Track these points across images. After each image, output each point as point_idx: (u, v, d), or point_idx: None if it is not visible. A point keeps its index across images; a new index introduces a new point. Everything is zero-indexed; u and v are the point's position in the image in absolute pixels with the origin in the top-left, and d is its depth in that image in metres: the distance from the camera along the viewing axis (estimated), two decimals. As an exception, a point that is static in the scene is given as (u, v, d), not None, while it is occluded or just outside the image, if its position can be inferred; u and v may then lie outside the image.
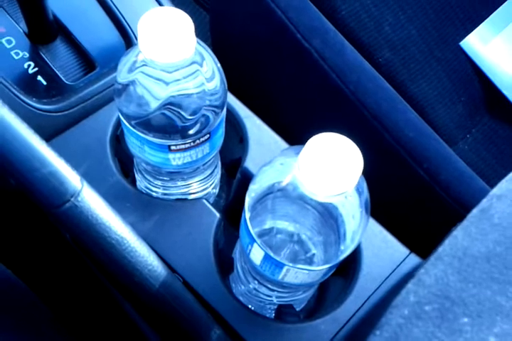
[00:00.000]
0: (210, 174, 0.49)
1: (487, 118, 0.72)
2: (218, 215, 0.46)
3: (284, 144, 0.50)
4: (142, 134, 0.39)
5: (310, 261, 0.41)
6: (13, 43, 0.48)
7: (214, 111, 0.39)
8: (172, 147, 0.39)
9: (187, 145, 0.40)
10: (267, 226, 0.40)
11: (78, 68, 0.49)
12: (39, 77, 0.48)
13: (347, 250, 0.37)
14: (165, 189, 0.48)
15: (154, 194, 0.49)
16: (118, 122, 0.47)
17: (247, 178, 0.47)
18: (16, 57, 0.48)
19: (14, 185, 0.41)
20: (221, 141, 0.44)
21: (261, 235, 0.38)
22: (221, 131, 0.42)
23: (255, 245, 0.37)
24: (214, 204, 0.48)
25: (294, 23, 0.56)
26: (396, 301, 0.24)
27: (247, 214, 0.37)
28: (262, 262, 0.38)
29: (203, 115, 0.39)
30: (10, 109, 0.31)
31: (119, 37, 0.50)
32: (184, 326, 0.36)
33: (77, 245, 0.44)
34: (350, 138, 0.31)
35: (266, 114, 0.51)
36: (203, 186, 0.50)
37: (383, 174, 0.58)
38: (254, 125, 0.49)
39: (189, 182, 0.48)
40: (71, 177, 0.32)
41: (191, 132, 0.39)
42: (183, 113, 0.38)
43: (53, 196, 0.31)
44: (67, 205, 0.31)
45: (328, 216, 0.37)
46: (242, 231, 0.38)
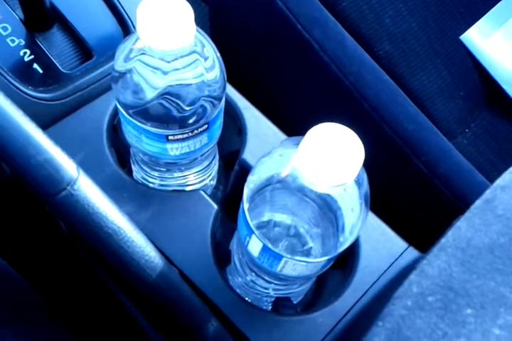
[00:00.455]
0: (208, 165, 0.49)
1: (486, 112, 0.72)
2: (216, 207, 0.45)
3: (283, 136, 0.49)
4: (140, 123, 0.38)
5: (307, 254, 0.40)
6: (9, 30, 0.47)
7: (213, 101, 0.39)
8: (170, 137, 0.39)
9: (185, 135, 0.39)
10: (265, 218, 0.40)
11: (75, 56, 0.49)
12: (35, 65, 0.47)
13: (346, 242, 0.37)
14: (162, 180, 0.48)
15: (151, 185, 0.48)
16: (115, 111, 0.46)
17: (245, 170, 0.47)
18: (12, 44, 0.47)
19: (9, 175, 0.40)
20: (219, 132, 0.43)
21: (258, 227, 0.37)
22: (219, 122, 0.42)
23: (253, 236, 0.36)
24: (211, 196, 0.47)
25: (295, 14, 0.56)
26: (399, 292, 0.23)
27: (246, 205, 0.36)
28: (260, 254, 0.37)
29: (202, 105, 0.38)
30: (5, 96, 0.30)
31: (117, 25, 0.50)
32: (181, 318, 0.35)
33: (73, 236, 0.43)
34: (349, 130, 0.31)
35: (265, 106, 0.50)
36: (201, 178, 0.50)
37: (382, 167, 0.58)
38: (252, 116, 0.49)
39: (186, 173, 0.48)
40: (67, 165, 0.31)
41: (189, 122, 0.38)
42: (182, 103, 0.37)
43: (49, 184, 0.30)
44: (63, 194, 0.31)
45: (326, 209, 0.37)
46: (240, 222, 0.38)
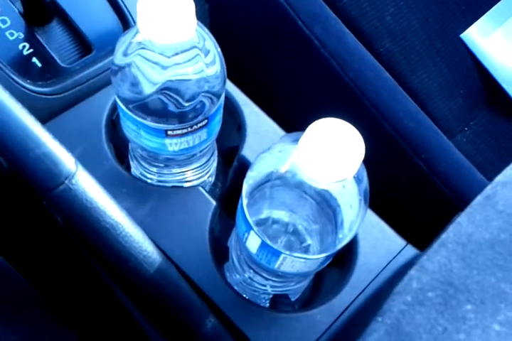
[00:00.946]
0: (206, 162, 0.49)
1: (486, 111, 0.72)
2: (214, 203, 0.45)
3: (282, 132, 0.49)
4: (139, 118, 0.38)
5: (306, 251, 0.40)
6: (8, 23, 0.47)
7: (212, 97, 0.38)
8: (169, 132, 0.39)
9: (184, 130, 0.39)
10: (263, 215, 0.40)
11: (74, 51, 0.48)
12: (34, 59, 0.47)
13: (345, 239, 0.36)
14: (160, 176, 0.48)
15: (149, 181, 0.48)
16: (114, 106, 0.46)
17: (244, 166, 0.46)
18: (11, 37, 0.47)
19: (6, 168, 0.40)
20: (218, 128, 0.43)
21: (257, 224, 0.37)
22: (219, 118, 0.42)
23: (252, 233, 0.36)
24: (210, 192, 0.47)
25: (295, 10, 0.55)
26: (398, 288, 0.23)
27: (245, 201, 0.36)
28: (259, 250, 0.37)
29: (201, 101, 0.38)
30: (4, 88, 0.30)
31: (117, 20, 0.49)
32: (178, 314, 0.35)
33: (70, 230, 0.43)
34: (349, 127, 0.31)
35: (264, 102, 0.50)
36: (199, 174, 0.49)
37: (381, 164, 0.58)
38: (252, 112, 0.49)
39: (184, 169, 0.47)
40: (66, 159, 0.31)
41: (189, 117, 0.38)
42: (181, 98, 0.37)
43: (47, 178, 0.30)
44: (61, 188, 0.30)
45: (325, 205, 0.37)
46: (239, 218, 0.38)
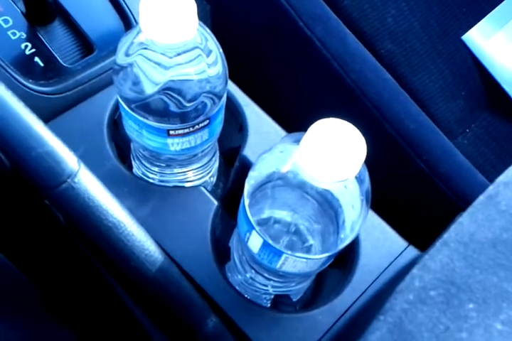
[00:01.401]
0: (208, 162, 0.49)
1: (487, 113, 0.72)
2: (216, 203, 0.45)
3: (284, 133, 0.49)
4: (141, 118, 0.38)
5: (307, 251, 0.40)
6: (10, 23, 0.47)
7: (214, 97, 0.39)
8: (171, 132, 0.39)
9: (186, 130, 0.39)
10: (265, 215, 0.40)
11: (76, 51, 0.49)
12: (36, 59, 0.47)
13: (346, 239, 0.36)
14: (162, 176, 0.48)
15: (151, 180, 0.48)
16: (116, 106, 0.46)
17: (246, 167, 0.46)
18: (13, 37, 0.47)
19: (9, 167, 0.40)
20: (220, 128, 0.43)
21: (259, 224, 0.37)
22: (220, 118, 0.42)
23: (254, 232, 0.36)
24: (211, 192, 0.47)
25: (297, 10, 0.55)
26: (401, 286, 0.23)
27: (246, 201, 0.36)
28: (260, 250, 0.37)
29: (203, 101, 0.38)
30: (6, 87, 0.30)
31: (119, 20, 0.50)
32: (180, 313, 0.35)
33: (71, 229, 0.43)
34: (350, 127, 0.31)
35: (266, 103, 0.50)
36: (200, 174, 0.49)
37: (383, 165, 0.58)
38: (253, 113, 0.49)
39: (186, 169, 0.47)
40: (68, 157, 0.31)
41: (191, 117, 0.38)
42: (183, 98, 0.37)
43: (49, 176, 0.30)
44: (63, 186, 0.30)
45: (327, 205, 0.37)
46: (241, 218, 0.38)
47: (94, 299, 0.49)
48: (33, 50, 0.47)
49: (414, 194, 0.62)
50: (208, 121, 0.39)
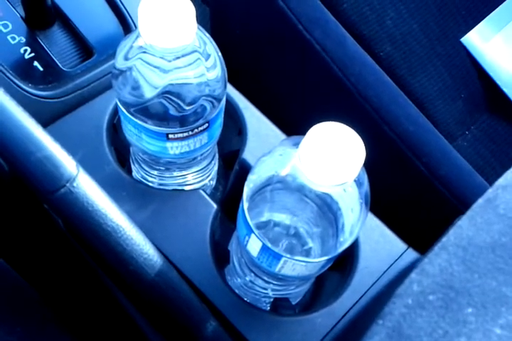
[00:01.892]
0: (207, 166, 0.49)
1: (486, 115, 0.72)
2: (215, 206, 0.45)
3: (283, 136, 0.49)
4: (140, 122, 0.38)
5: (307, 254, 0.40)
6: (9, 28, 0.47)
7: (213, 100, 0.39)
8: (170, 135, 0.39)
9: (185, 134, 0.39)
10: (264, 218, 0.40)
11: (75, 55, 0.49)
12: (35, 63, 0.47)
13: (346, 242, 0.36)
14: (161, 179, 0.48)
15: (150, 184, 0.48)
16: (115, 110, 0.46)
17: (245, 170, 0.46)
18: (13, 41, 0.47)
19: (7, 171, 0.40)
20: (219, 131, 0.43)
21: (258, 228, 0.37)
22: (220, 121, 0.42)
23: (253, 236, 0.36)
24: (211, 196, 0.47)
25: (296, 14, 0.56)
26: (399, 290, 0.23)
27: (245, 204, 0.36)
28: (260, 253, 0.37)
29: (202, 104, 0.38)
30: (5, 91, 0.30)
31: (118, 24, 0.50)
32: (179, 317, 0.35)
33: (71, 233, 0.43)
34: (350, 130, 0.31)
35: (265, 106, 0.50)
36: (200, 178, 0.49)
37: (382, 168, 0.58)
38: (253, 116, 0.49)
39: (186, 172, 0.47)
40: (67, 162, 0.31)
41: (190, 121, 0.38)
42: (182, 102, 0.37)
43: (48, 181, 0.30)
44: (62, 191, 0.30)
45: (326, 209, 0.37)
46: (240, 222, 0.38)
47: (93, 303, 0.49)
48: (33, 55, 0.47)
49: (413, 196, 0.62)
50: (207, 125, 0.39)
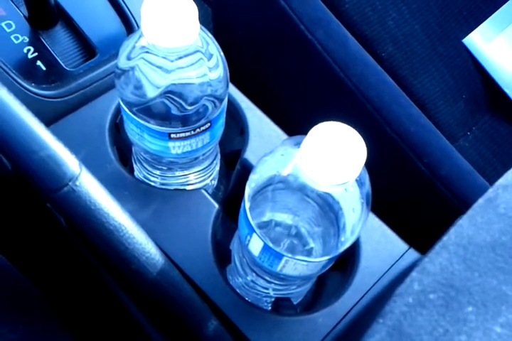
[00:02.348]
0: (209, 165, 0.49)
1: (488, 116, 0.72)
2: (217, 206, 0.45)
3: (285, 136, 0.49)
4: (142, 121, 0.38)
5: (308, 254, 0.40)
6: (13, 27, 0.47)
7: (215, 100, 0.39)
8: (172, 135, 0.39)
9: (187, 133, 0.39)
10: (266, 218, 0.40)
11: (78, 54, 0.49)
12: (38, 62, 0.47)
13: (347, 242, 0.36)
14: (163, 179, 0.48)
15: (152, 184, 0.48)
16: (117, 110, 0.46)
17: (247, 170, 0.47)
18: (16, 41, 0.47)
19: (11, 170, 0.40)
20: (221, 131, 0.43)
21: (259, 227, 0.37)
22: (222, 121, 0.42)
23: (254, 235, 0.36)
24: (212, 196, 0.47)
25: (298, 14, 0.56)
26: (400, 289, 0.23)
27: (247, 204, 0.36)
28: (261, 253, 0.37)
29: (204, 104, 0.38)
30: (9, 91, 0.30)
31: (121, 24, 0.50)
32: (181, 316, 0.35)
33: (73, 232, 0.43)
34: (351, 130, 0.31)
35: (267, 106, 0.50)
36: (202, 177, 0.50)
37: (384, 168, 0.58)
38: (255, 116, 0.49)
39: (187, 172, 0.48)
40: (69, 161, 0.31)
41: (192, 120, 0.38)
42: (184, 102, 0.37)
43: (51, 180, 0.30)
44: (65, 189, 0.31)
45: (327, 209, 0.37)
46: (241, 221, 0.38)
47: (95, 302, 0.49)
48: (36, 54, 0.47)
49: (414, 196, 0.62)
50: (209, 125, 0.40)
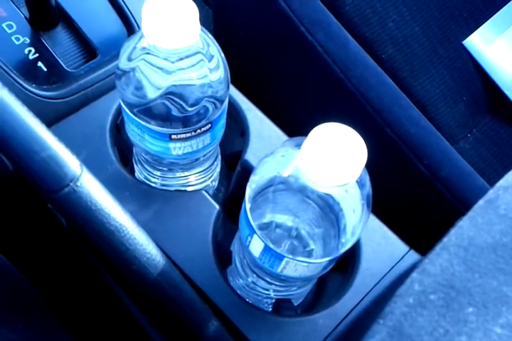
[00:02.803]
0: (210, 166, 0.49)
1: (488, 118, 0.72)
2: (218, 207, 0.45)
3: (286, 137, 0.49)
4: (143, 122, 0.38)
5: (309, 255, 0.40)
6: (14, 28, 0.47)
7: (216, 102, 0.39)
8: (173, 136, 0.39)
9: (188, 134, 0.39)
10: (266, 220, 0.40)
11: (79, 55, 0.49)
12: (39, 63, 0.47)
13: (347, 243, 0.37)
14: (164, 180, 0.48)
15: (153, 184, 0.48)
16: (118, 111, 0.47)
17: (247, 171, 0.47)
18: (17, 42, 0.47)
19: (12, 171, 0.40)
20: (222, 132, 0.43)
21: (260, 228, 0.37)
22: (222, 122, 0.42)
23: (255, 236, 0.36)
24: (213, 197, 0.47)
25: (298, 16, 0.56)
26: (401, 290, 0.23)
27: (248, 205, 0.36)
28: (262, 254, 0.37)
29: (205, 106, 0.38)
30: (10, 91, 0.30)
31: (122, 25, 0.50)
32: (181, 316, 0.35)
33: (74, 232, 0.43)
34: (351, 132, 0.31)
35: (267, 107, 0.50)
36: (202, 178, 0.50)
37: (384, 169, 0.58)
38: (255, 118, 0.49)
39: (188, 173, 0.48)
40: (71, 161, 0.31)
41: (193, 121, 0.38)
42: (185, 103, 0.37)
43: (52, 180, 0.30)
44: (66, 190, 0.31)
45: (328, 210, 0.37)
46: (242, 222, 0.38)
47: (95, 302, 0.49)
48: (37, 55, 0.47)
49: (415, 198, 0.62)
50: (210, 126, 0.40)
